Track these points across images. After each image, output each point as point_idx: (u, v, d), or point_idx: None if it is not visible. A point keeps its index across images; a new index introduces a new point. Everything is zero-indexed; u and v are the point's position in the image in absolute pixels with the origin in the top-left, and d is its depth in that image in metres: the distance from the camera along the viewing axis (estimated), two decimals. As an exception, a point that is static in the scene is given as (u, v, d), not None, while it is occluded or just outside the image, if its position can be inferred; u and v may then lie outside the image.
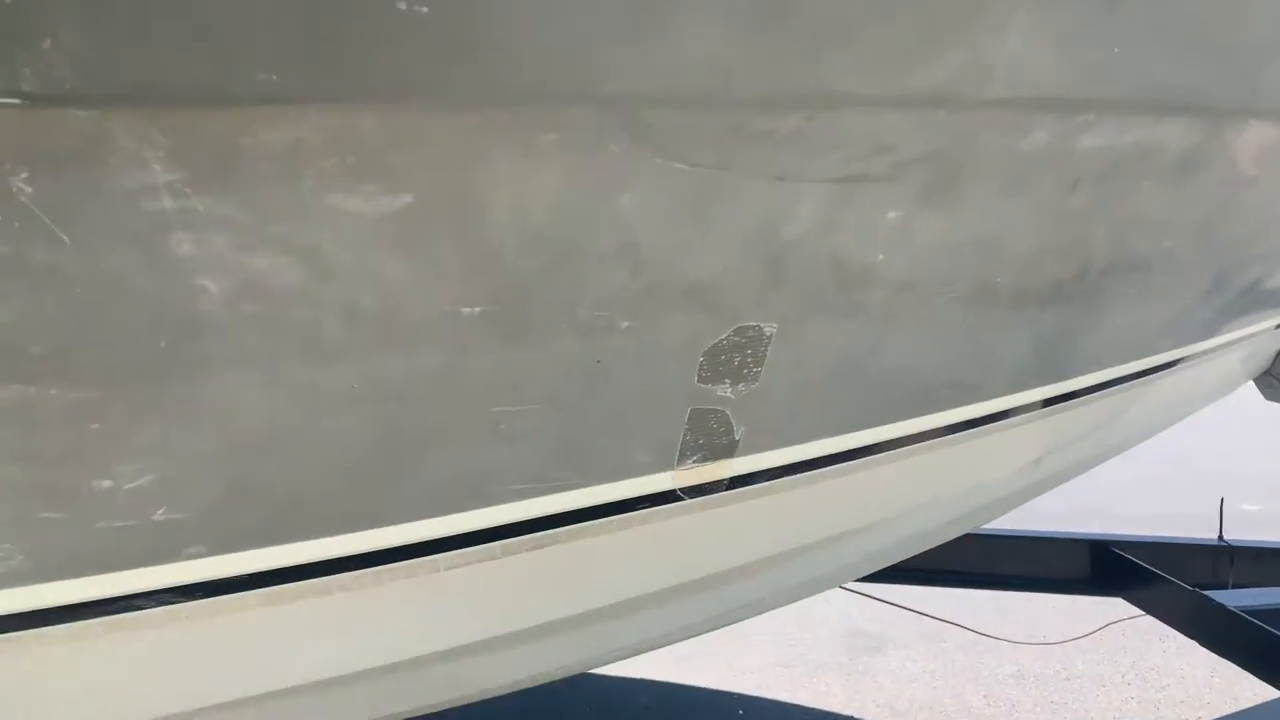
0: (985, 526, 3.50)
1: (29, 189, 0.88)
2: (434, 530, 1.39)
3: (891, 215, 1.26)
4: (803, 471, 1.66)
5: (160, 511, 1.19)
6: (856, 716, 4.84)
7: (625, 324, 1.24)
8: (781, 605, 2.79)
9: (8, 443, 1.05)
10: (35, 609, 1.23)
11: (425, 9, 0.86)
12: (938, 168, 1.24)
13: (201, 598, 1.31)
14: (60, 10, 0.78)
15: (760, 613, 2.78)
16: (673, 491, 1.53)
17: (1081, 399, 1.93)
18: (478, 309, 1.14)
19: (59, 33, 0.79)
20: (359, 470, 1.26)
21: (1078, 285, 1.56)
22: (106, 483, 1.13)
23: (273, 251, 0.99)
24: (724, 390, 1.40)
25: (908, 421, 1.72)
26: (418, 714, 1.93)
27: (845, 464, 1.71)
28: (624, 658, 2.42)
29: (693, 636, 2.61)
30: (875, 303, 1.39)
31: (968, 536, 3.80)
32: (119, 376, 1.04)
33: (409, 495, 1.34)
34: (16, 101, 0.81)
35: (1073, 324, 1.68)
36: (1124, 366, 1.93)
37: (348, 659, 1.51)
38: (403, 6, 0.85)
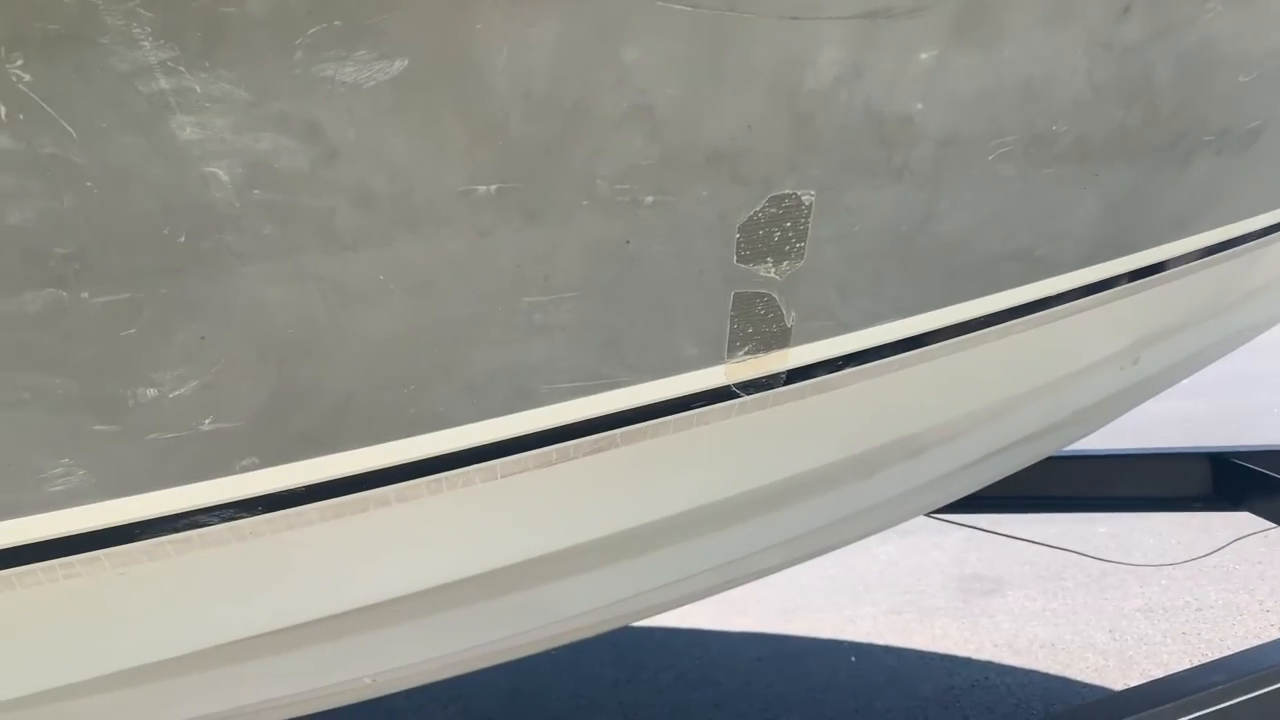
0: (1094, 445, 3.33)
1: (27, 77, 0.89)
2: (482, 435, 1.37)
3: (924, 56, 1.18)
4: (864, 362, 1.58)
5: (208, 421, 1.21)
6: (974, 656, 4.70)
7: (649, 199, 1.20)
8: (863, 535, 2.68)
9: (50, 350, 1.08)
10: (105, 527, 1.26)
11: None
12: (969, -1, 1.16)
13: (262, 512, 1.33)
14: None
15: (842, 544, 2.68)
16: (727, 388, 1.48)
17: (1175, 271, 1.79)
18: (493, 187, 1.11)
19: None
20: (398, 370, 1.26)
21: (1149, 132, 1.44)
22: (151, 391, 1.15)
23: (275, 131, 0.98)
24: (766, 270, 1.34)
25: (974, 301, 1.62)
26: (483, 652, 1.92)
27: (910, 353, 1.63)
28: (700, 593, 2.35)
29: (771, 571, 2.53)
30: (920, 161, 1.31)
31: (1075, 458, 3.63)
32: (144, 275, 1.05)
33: (454, 397, 1.32)
34: (-1, -21, 0.82)
35: (1151, 180, 1.55)
36: (1221, 230, 1.77)
37: (408, 576, 1.51)
38: None
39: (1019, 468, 2.71)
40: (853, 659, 4.82)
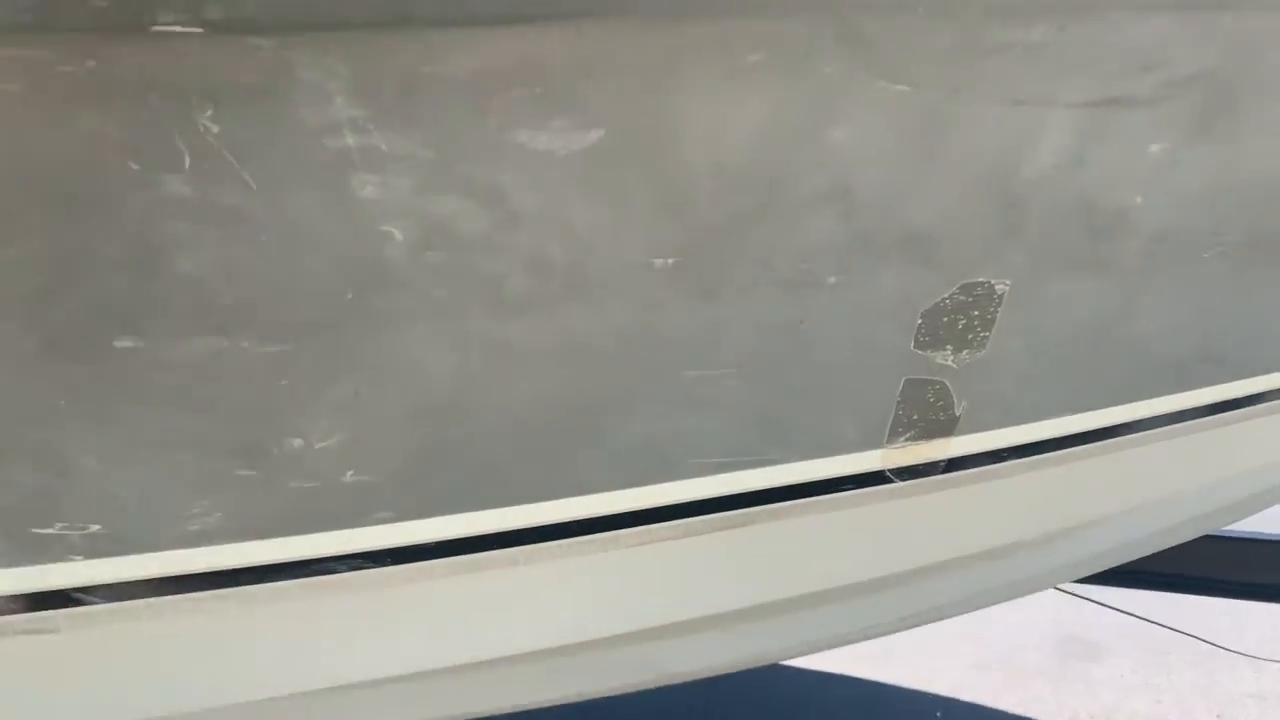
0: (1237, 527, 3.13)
1: (215, 128, 0.84)
2: (621, 504, 1.31)
3: (1155, 148, 1.07)
4: (1031, 454, 1.47)
5: (350, 473, 1.16)
6: (1068, 728, 4.49)
7: (832, 279, 1.11)
8: (992, 605, 2.57)
9: (202, 395, 1.04)
10: (234, 567, 1.23)
11: (619, -92, 0.76)
12: (1215, 88, 1.04)
13: (389, 564, 1.29)
14: (238, -71, 0.74)
15: (968, 611, 2.57)
16: (881, 473, 1.39)
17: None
18: (671, 260, 1.04)
19: (238, -47, 0.75)
20: (545, 434, 1.20)
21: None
22: (298, 441, 1.11)
23: (458, 194, 0.93)
24: (944, 358, 1.24)
25: (1156, 400, 1.50)
26: (596, 697, 1.87)
27: (1078, 447, 1.51)
28: (814, 652, 2.29)
29: (893, 633, 2.44)
30: (1129, 255, 1.19)
31: (1206, 536, 3.40)
32: (306, 328, 1.01)
33: (595, 464, 1.26)
34: (199, 30, 0.77)
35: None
36: None
37: (529, 635, 1.46)
38: (594, -94, 0.76)
39: (1157, 550, 2.55)
40: (938, 714, 4.65)
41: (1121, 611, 3.82)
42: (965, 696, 4.75)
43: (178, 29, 0.77)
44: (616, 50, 0.86)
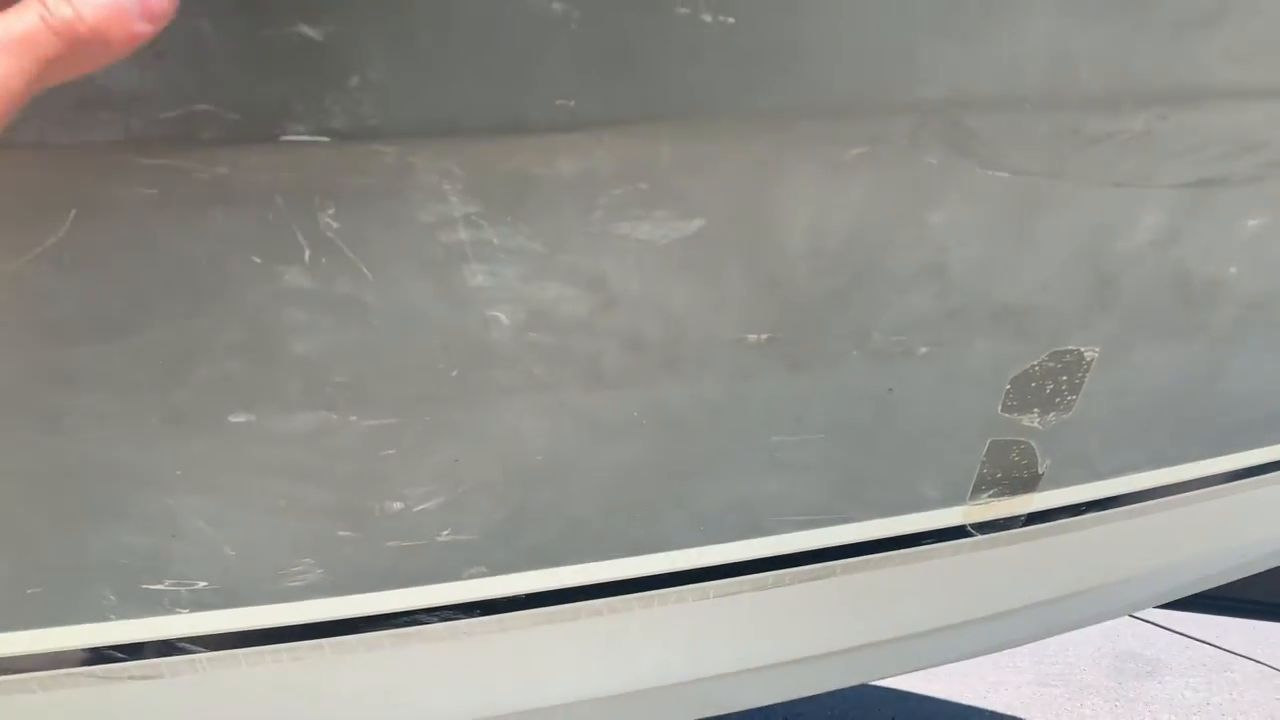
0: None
1: (335, 224, 0.88)
2: (705, 559, 1.33)
3: (1253, 223, 1.06)
4: (1111, 507, 1.47)
5: (445, 533, 1.20)
6: (1127, 749, 4.43)
7: (923, 349, 1.12)
8: (1057, 635, 2.56)
9: (310, 465, 1.08)
10: (331, 619, 1.28)
11: (732, 19, 0.78)
12: (1316, 165, 1.03)
13: (479, 615, 1.32)
14: (364, 50, 0.77)
15: (1034, 641, 2.56)
16: (963, 527, 1.39)
17: None
18: (764, 335, 1.06)
19: (364, 71, 0.78)
20: (633, 498, 1.22)
21: None
22: (398, 505, 1.15)
23: (562, 281, 0.95)
24: (1031, 420, 1.24)
25: (1234, 455, 1.49)
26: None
27: (1160, 499, 1.50)
28: (882, 679, 2.30)
29: (958, 661, 2.45)
30: (1221, 323, 1.19)
31: None
32: (411, 403, 1.05)
33: (681, 523, 1.28)
34: (325, 139, 0.81)
35: None
36: None
37: (612, 680, 1.49)
38: (708, 19, 0.78)
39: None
40: (993, 732, 4.61)
41: (1182, 635, 3.76)
42: (1021, 714, 4.71)
43: (305, 139, 0.80)
44: (721, 147, 0.88)
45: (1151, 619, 3.68)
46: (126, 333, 0.94)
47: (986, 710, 4.86)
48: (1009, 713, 4.86)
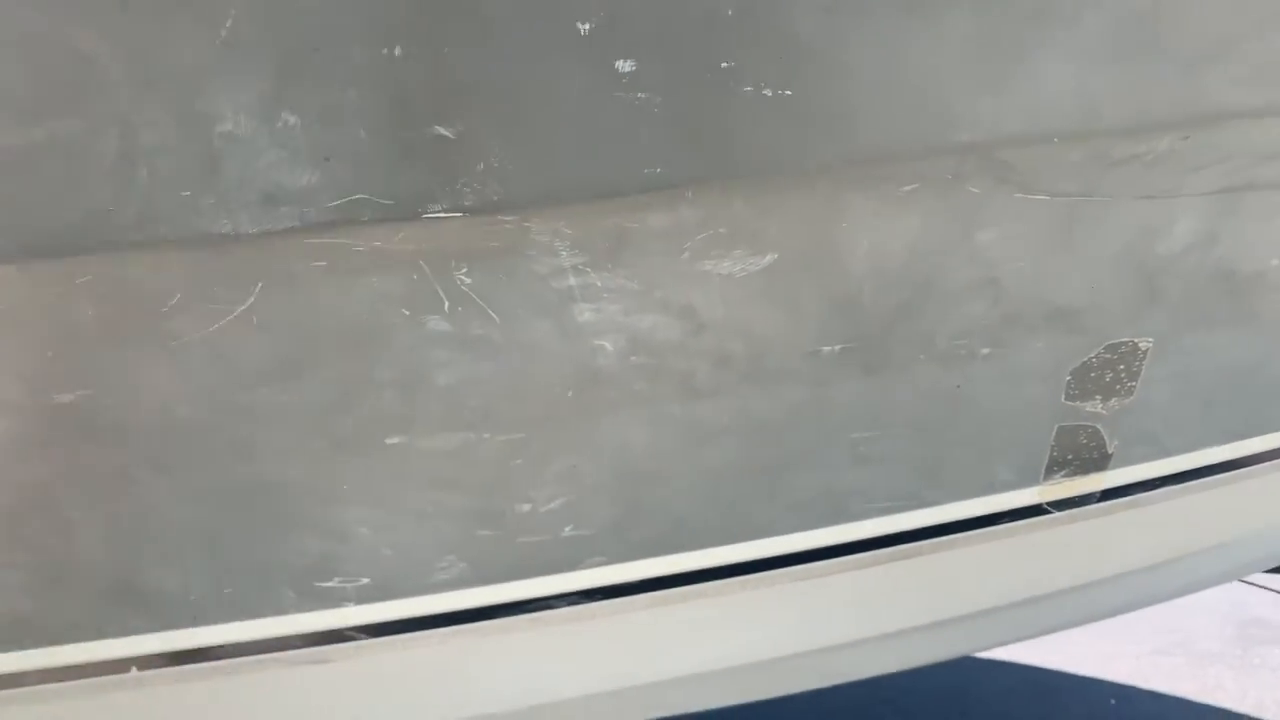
0: None
1: (468, 280, 1.06)
2: (799, 544, 1.48)
3: (1286, 220, 1.15)
4: (1183, 481, 1.55)
5: (568, 529, 1.38)
6: (1254, 715, 4.35)
7: (985, 351, 1.24)
8: (1166, 601, 2.59)
9: (452, 476, 1.28)
10: (472, 607, 1.47)
11: (789, 92, 0.93)
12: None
13: (600, 599, 1.50)
14: (488, 142, 0.94)
15: (1131, 611, 2.60)
16: (1039, 505, 1.50)
17: None
18: (838, 347, 1.20)
19: (488, 159, 0.95)
20: (730, 494, 1.38)
21: None
22: (526, 506, 1.34)
23: (656, 312, 1.12)
24: (1094, 406, 1.35)
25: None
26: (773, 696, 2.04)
27: (1233, 472, 1.58)
28: (980, 650, 2.38)
29: (1053, 632, 2.51)
30: (1270, 307, 1.27)
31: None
32: (535, 421, 1.23)
33: (775, 513, 1.43)
34: (458, 214, 0.99)
35: None
36: None
37: (722, 653, 1.65)
38: (769, 94, 0.92)
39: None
40: (1112, 701, 4.59)
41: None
42: (1142, 684, 4.67)
43: (442, 215, 0.99)
44: (787, 193, 1.03)
45: (1274, 587, 3.63)
46: (302, 376, 1.14)
47: (1107, 681, 4.83)
48: (1130, 682, 4.81)
